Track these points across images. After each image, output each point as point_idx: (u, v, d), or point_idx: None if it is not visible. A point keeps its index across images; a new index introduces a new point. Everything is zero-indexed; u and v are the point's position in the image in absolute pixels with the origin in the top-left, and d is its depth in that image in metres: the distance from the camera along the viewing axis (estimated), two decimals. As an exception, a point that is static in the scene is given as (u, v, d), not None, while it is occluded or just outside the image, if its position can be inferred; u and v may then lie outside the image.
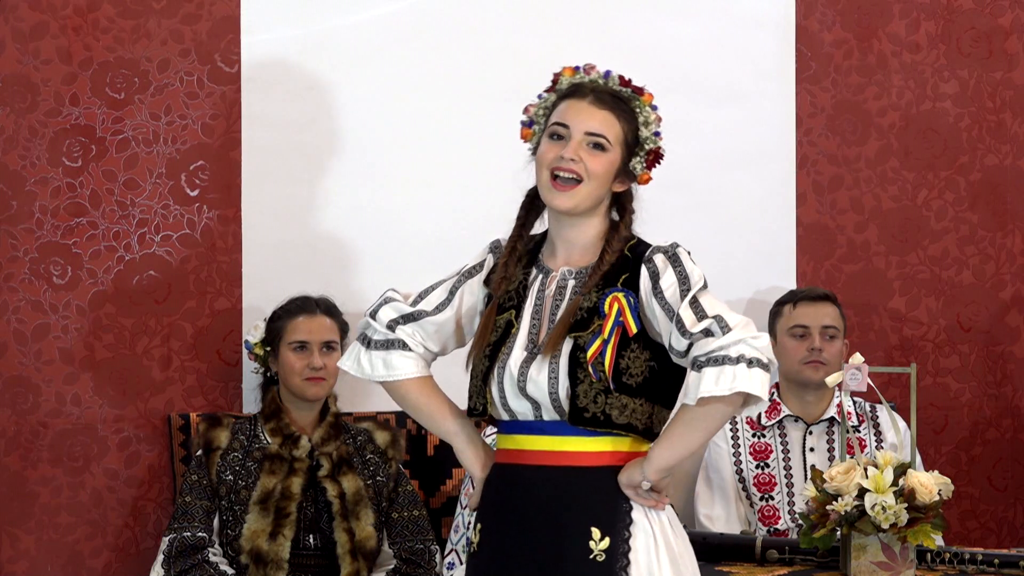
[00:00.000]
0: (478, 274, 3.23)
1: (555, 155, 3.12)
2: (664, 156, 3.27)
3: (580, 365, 3.05)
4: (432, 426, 3.26)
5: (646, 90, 3.23)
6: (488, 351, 3.12)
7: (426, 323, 3.19)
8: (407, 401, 3.23)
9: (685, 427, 3.06)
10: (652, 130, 3.22)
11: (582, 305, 3.09)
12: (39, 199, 4.55)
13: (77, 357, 4.58)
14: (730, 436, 4.69)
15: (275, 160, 4.72)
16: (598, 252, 3.16)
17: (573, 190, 3.12)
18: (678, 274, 3.12)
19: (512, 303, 3.15)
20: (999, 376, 5.15)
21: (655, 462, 3.06)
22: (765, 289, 4.97)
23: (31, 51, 4.55)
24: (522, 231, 3.23)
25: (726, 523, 4.63)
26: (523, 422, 3.11)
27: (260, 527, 4.22)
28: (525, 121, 3.24)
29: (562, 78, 3.22)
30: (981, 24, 5.12)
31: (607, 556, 3.06)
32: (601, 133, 3.14)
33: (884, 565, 3.71)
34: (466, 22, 4.82)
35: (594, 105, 3.15)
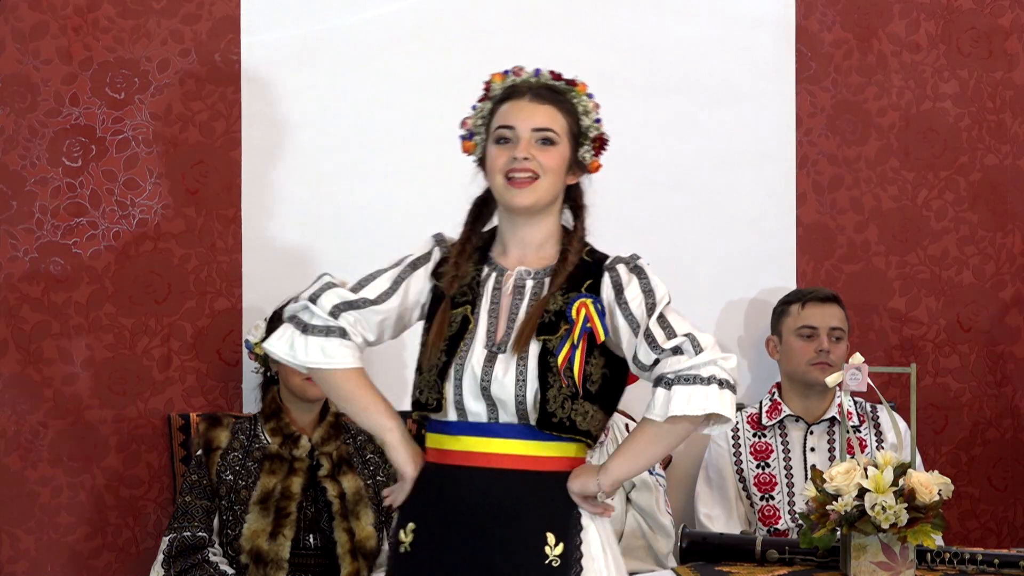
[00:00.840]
0: (424, 266, 3.20)
1: (507, 158, 3.12)
2: (609, 141, 3.29)
3: (550, 369, 3.05)
4: (364, 419, 3.20)
5: (579, 81, 3.23)
6: (445, 346, 3.09)
7: (369, 312, 3.15)
8: (341, 391, 3.18)
9: (648, 442, 3.08)
10: (593, 118, 3.24)
11: (549, 307, 3.08)
12: (39, 199, 4.55)
13: (77, 357, 4.58)
14: (731, 436, 4.69)
15: (275, 160, 4.72)
16: (552, 252, 3.17)
17: (532, 185, 3.12)
18: (643, 287, 3.13)
19: (466, 299, 3.13)
20: (999, 376, 5.15)
21: (613, 474, 3.09)
22: (768, 289, 4.97)
23: (31, 51, 4.55)
24: (471, 235, 3.22)
25: (726, 523, 4.63)
26: (475, 424, 3.09)
27: (260, 527, 4.22)
28: (464, 134, 3.23)
29: (493, 84, 3.22)
30: (981, 24, 5.12)
31: (562, 561, 3.07)
32: (548, 127, 3.15)
33: (884, 565, 3.71)
34: (466, 22, 4.82)
35: (535, 102, 3.16)
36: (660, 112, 4.94)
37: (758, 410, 4.72)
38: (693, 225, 4.97)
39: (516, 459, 3.08)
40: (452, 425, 3.11)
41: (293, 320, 3.16)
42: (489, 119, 3.19)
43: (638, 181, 4.92)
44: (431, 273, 3.19)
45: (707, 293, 4.96)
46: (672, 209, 4.96)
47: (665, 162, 4.95)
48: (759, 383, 4.97)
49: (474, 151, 3.22)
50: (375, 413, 3.17)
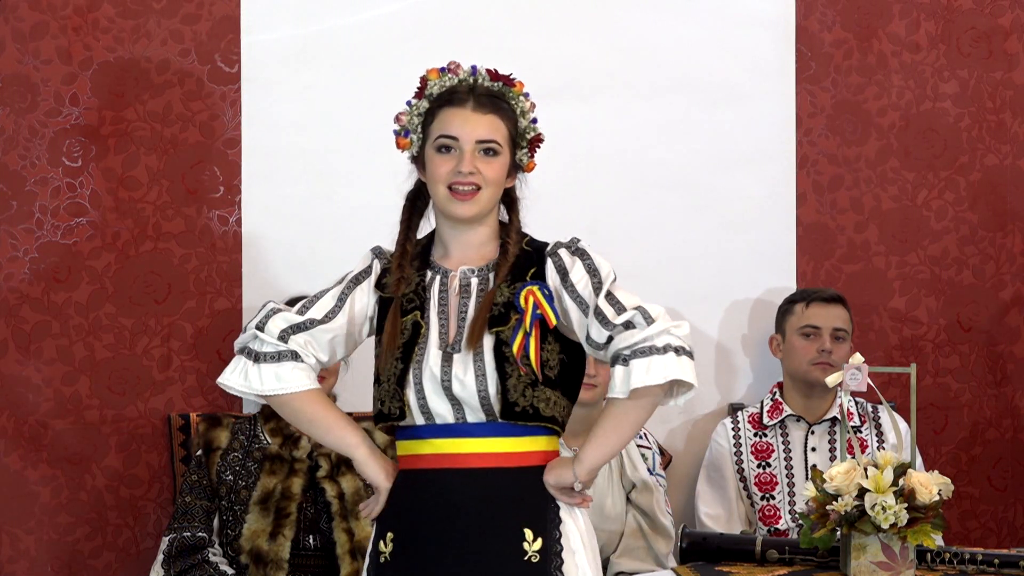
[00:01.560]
0: (366, 280, 3.18)
1: (449, 169, 3.10)
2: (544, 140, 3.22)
3: (507, 359, 3.05)
4: (329, 438, 3.18)
5: (516, 79, 3.20)
6: (399, 354, 3.08)
7: (318, 331, 3.13)
8: (301, 414, 3.15)
9: (616, 423, 3.08)
10: (529, 118, 3.19)
11: (496, 300, 3.08)
12: (39, 199, 4.56)
13: (77, 357, 4.58)
14: (732, 435, 4.69)
15: (275, 160, 4.72)
16: (493, 249, 3.17)
17: (474, 197, 3.11)
18: (587, 267, 3.13)
19: (414, 305, 3.12)
20: (999, 376, 5.15)
21: (587, 463, 3.09)
22: (770, 288, 4.97)
23: (31, 51, 4.55)
24: (408, 234, 3.20)
25: (727, 522, 4.63)
26: (442, 426, 3.08)
27: (260, 527, 4.22)
28: (399, 131, 3.21)
29: (429, 82, 3.19)
30: (981, 24, 5.12)
31: (541, 557, 3.07)
32: (491, 139, 3.12)
33: (884, 565, 3.70)
34: (466, 22, 4.82)
35: (477, 111, 3.13)
36: (660, 112, 4.94)
37: (759, 410, 4.72)
38: (693, 225, 4.97)
39: (487, 457, 3.07)
40: (420, 429, 3.09)
41: (244, 351, 3.13)
42: (426, 119, 3.17)
43: (638, 181, 4.92)
44: (375, 285, 3.17)
45: (707, 293, 4.96)
46: (672, 209, 4.96)
47: (665, 162, 4.95)
48: (760, 383, 4.97)
49: (409, 148, 3.20)
50: (339, 431, 3.16)
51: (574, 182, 4.89)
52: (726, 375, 4.99)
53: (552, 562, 3.07)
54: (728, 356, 4.99)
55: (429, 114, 3.17)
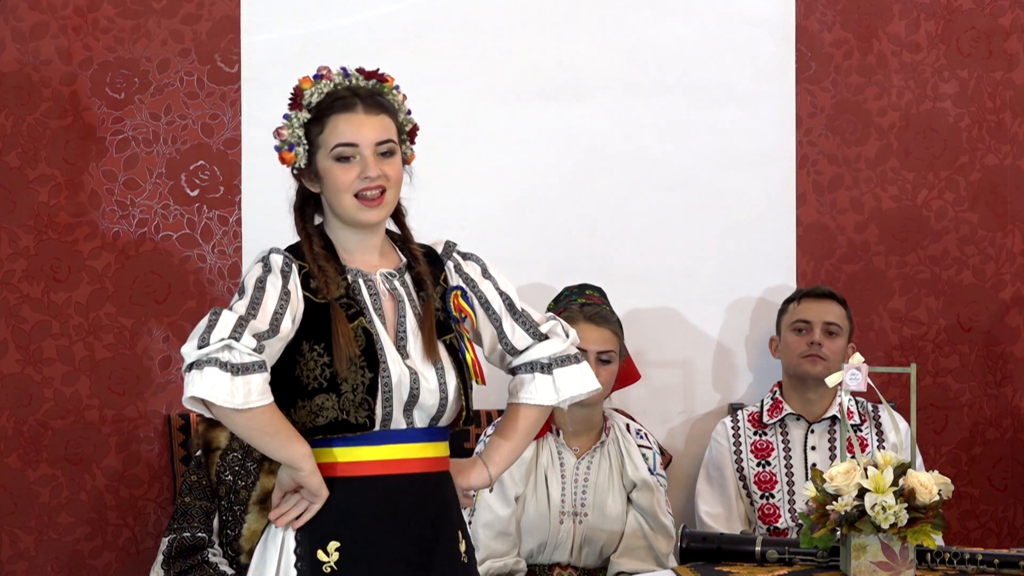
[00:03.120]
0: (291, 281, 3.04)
1: (353, 177, 3.05)
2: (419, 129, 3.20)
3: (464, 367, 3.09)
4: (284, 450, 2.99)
5: (386, 74, 3.16)
6: (363, 363, 3.00)
7: (275, 341, 2.97)
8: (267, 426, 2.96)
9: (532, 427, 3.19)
10: (406, 110, 3.17)
11: (437, 307, 3.10)
12: (39, 199, 4.55)
13: (77, 357, 4.58)
14: (731, 434, 4.69)
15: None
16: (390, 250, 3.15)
17: (381, 202, 3.07)
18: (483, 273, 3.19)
19: (354, 310, 3.04)
20: (999, 376, 5.15)
21: (500, 467, 3.19)
22: (771, 288, 4.97)
23: (31, 51, 4.55)
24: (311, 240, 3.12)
25: (727, 521, 4.63)
26: (395, 431, 3.04)
27: (260, 527, 4.22)
28: (280, 145, 3.13)
29: (304, 92, 3.11)
30: (981, 24, 5.12)
31: (468, 557, 3.13)
32: (388, 138, 3.09)
33: (884, 565, 3.70)
34: (466, 22, 4.82)
35: (369, 113, 3.08)
36: (660, 112, 4.94)
37: (759, 409, 4.72)
38: (693, 225, 4.97)
39: (427, 462, 3.07)
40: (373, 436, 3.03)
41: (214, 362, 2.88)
42: (311, 129, 3.10)
43: (638, 181, 4.92)
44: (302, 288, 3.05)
45: (707, 293, 4.96)
46: (672, 209, 4.96)
47: (665, 162, 4.95)
48: (760, 383, 4.97)
49: (295, 162, 3.12)
50: (294, 442, 2.99)
51: (574, 182, 4.89)
52: (726, 375, 4.99)
53: (472, 561, 3.15)
54: (728, 356, 4.99)
55: (315, 123, 3.09)
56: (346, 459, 3.03)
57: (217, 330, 2.89)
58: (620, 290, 4.72)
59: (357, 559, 3.01)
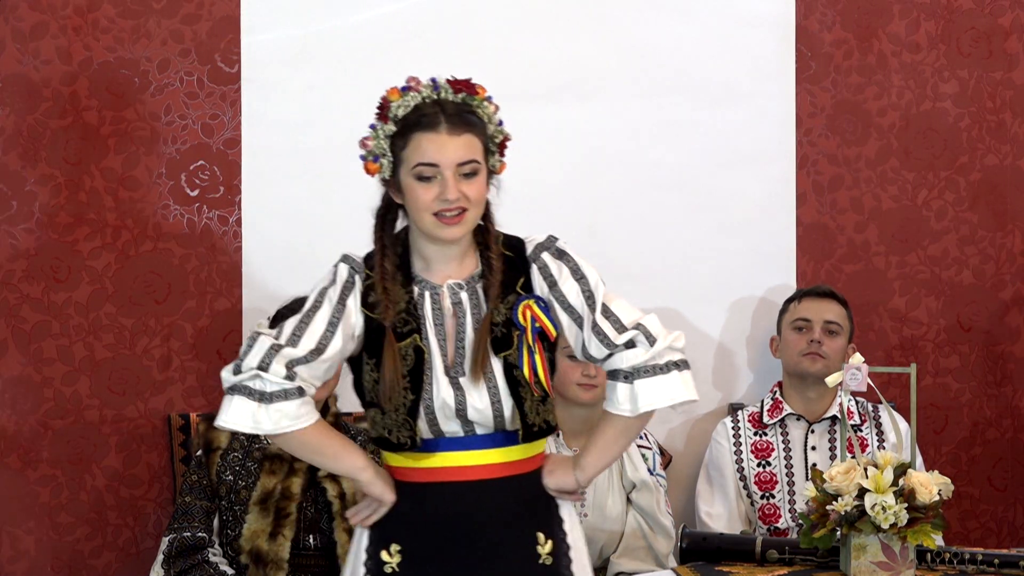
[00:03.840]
0: (350, 297, 3.09)
1: (433, 197, 3.03)
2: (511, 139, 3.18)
3: (520, 384, 3.05)
4: (336, 464, 3.14)
5: (476, 85, 3.15)
6: (407, 384, 3.03)
7: (317, 363, 3.04)
8: (310, 446, 3.09)
9: (619, 435, 3.14)
10: (496, 122, 3.14)
11: (495, 320, 3.05)
12: (39, 199, 4.56)
13: (77, 357, 4.58)
14: (732, 434, 4.69)
15: (275, 160, 4.72)
16: (473, 257, 3.12)
17: (462, 219, 3.05)
18: (574, 274, 3.12)
19: (410, 327, 3.05)
20: (999, 376, 5.15)
21: (589, 470, 3.14)
22: (771, 288, 4.97)
23: (31, 51, 4.55)
24: (385, 251, 3.12)
25: (727, 521, 4.63)
26: (451, 439, 3.06)
27: (260, 527, 4.22)
28: (366, 156, 3.12)
29: (391, 103, 3.10)
30: (981, 24, 5.12)
31: (553, 559, 3.10)
32: (471, 159, 3.06)
33: (884, 565, 3.70)
34: (466, 22, 4.82)
35: (453, 133, 3.05)
36: (660, 112, 4.94)
37: (759, 409, 4.72)
38: (693, 225, 4.97)
39: (496, 467, 3.07)
40: (427, 443, 3.07)
41: (244, 391, 3.03)
42: (395, 142, 3.08)
43: (638, 181, 4.92)
44: (361, 303, 3.08)
45: (707, 293, 4.96)
46: (672, 209, 4.96)
47: (665, 162, 4.95)
48: (760, 383, 4.97)
49: (379, 172, 3.11)
50: (346, 456, 3.11)
51: (574, 182, 4.89)
52: (726, 375, 4.99)
53: (563, 561, 3.10)
54: (728, 356, 4.99)
55: (399, 137, 3.08)
56: (406, 465, 3.09)
57: (249, 358, 3.02)
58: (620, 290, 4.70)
59: (417, 562, 3.07)
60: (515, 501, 3.08)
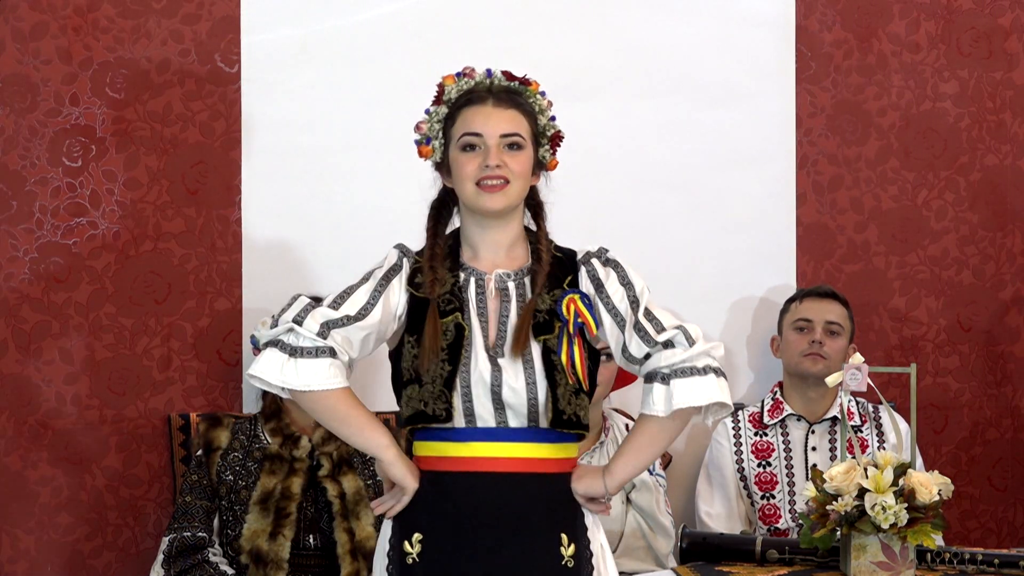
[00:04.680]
0: (397, 276, 3.15)
1: (476, 166, 3.10)
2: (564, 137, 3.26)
3: (556, 368, 3.06)
4: (358, 438, 3.13)
5: (531, 79, 3.22)
6: (445, 356, 3.06)
7: (354, 328, 3.09)
8: (334, 412, 3.10)
9: (651, 439, 3.12)
10: (548, 116, 3.22)
11: (539, 307, 3.09)
12: (39, 199, 4.56)
13: (77, 357, 4.58)
14: (732, 434, 4.69)
15: (275, 160, 4.72)
16: (522, 252, 3.18)
17: (504, 190, 3.11)
18: (621, 280, 3.16)
19: (453, 306, 3.10)
20: (999, 376, 5.15)
21: (618, 475, 3.13)
22: (772, 288, 4.98)
23: (31, 51, 4.55)
24: (436, 239, 3.19)
25: (727, 521, 4.63)
26: (484, 429, 3.08)
27: (260, 527, 4.22)
28: (420, 139, 3.20)
29: (446, 88, 3.19)
30: (981, 24, 5.12)
31: (575, 562, 3.10)
32: (515, 132, 3.14)
33: (884, 565, 3.70)
34: (466, 22, 4.82)
35: (499, 107, 3.14)
36: (660, 112, 4.94)
37: (760, 409, 4.72)
38: (693, 225, 4.97)
39: (525, 462, 3.08)
40: (459, 432, 3.09)
41: (278, 344, 3.07)
42: (447, 124, 3.17)
43: (638, 181, 4.92)
44: (407, 283, 3.15)
45: (707, 293, 4.96)
46: (672, 209, 4.96)
47: (665, 162, 4.95)
48: (761, 383, 4.97)
49: (431, 155, 3.20)
50: (370, 431, 3.12)
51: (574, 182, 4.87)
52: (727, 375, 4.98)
53: (585, 567, 3.11)
54: (728, 356, 4.99)
55: (449, 119, 3.16)
56: (434, 454, 3.11)
57: (286, 314, 3.08)
58: (620, 290, 4.71)
59: (437, 553, 3.07)
60: (541, 499, 3.09)
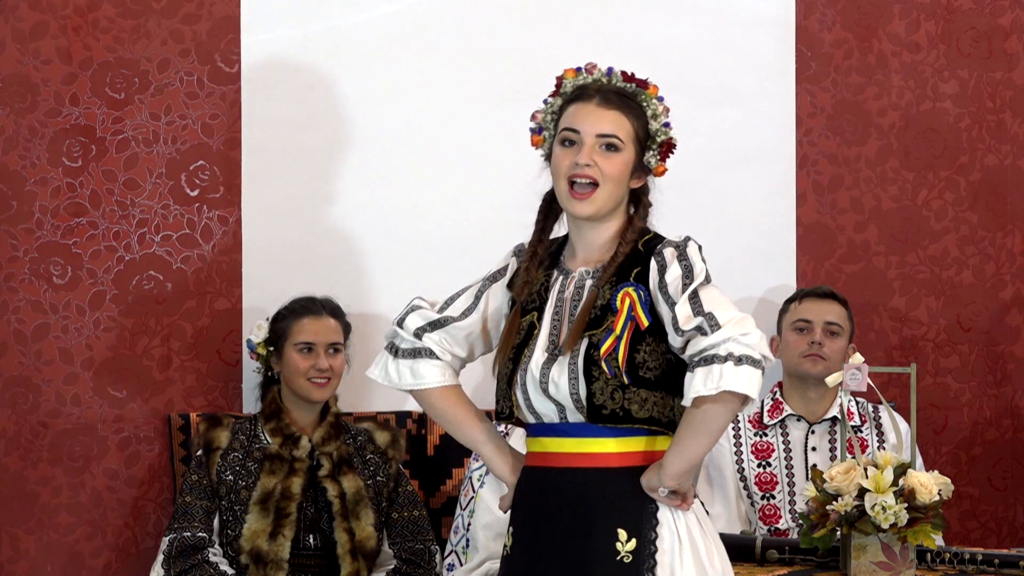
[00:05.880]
0: (502, 278, 3.23)
1: (570, 162, 3.12)
2: (676, 146, 3.24)
3: (595, 362, 3.06)
4: (459, 435, 3.25)
5: (650, 83, 3.22)
6: (512, 354, 3.13)
7: (453, 329, 3.19)
8: (434, 410, 3.24)
9: (689, 431, 3.06)
10: (661, 122, 3.20)
11: (596, 303, 3.10)
12: (39, 199, 4.55)
13: (77, 357, 4.58)
14: (732, 435, 4.69)
15: (275, 160, 4.72)
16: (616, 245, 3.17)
17: (591, 196, 3.12)
18: (683, 267, 3.12)
19: (534, 305, 3.15)
20: (999, 376, 5.15)
21: (668, 469, 3.08)
22: (772, 288, 4.98)
23: (31, 51, 4.55)
24: (542, 235, 3.23)
25: (727, 522, 4.63)
26: (548, 424, 3.12)
27: (260, 527, 4.22)
28: (534, 128, 3.24)
29: (565, 81, 3.21)
30: (981, 24, 5.12)
31: (634, 557, 3.07)
32: (612, 133, 3.13)
33: (884, 565, 3.71)
34: (466, 22, 4.82)
35: (602, 106, 3.14)
36: (661, 112, 4.93)
37: (759, 409, 4.72)
38: (693, 225, 4.93)
39: (584, 456, 3.09)
40: (532, 427, 3.15)
41: (387, 345, 3.23)
42: (558, 116, 3.19)
43: (638, 181, 4.92)
44: (507, 284, 3.22)
45: (707, 293, 4.95)
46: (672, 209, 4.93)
47: (665, 162, 4.94)
48: (760, 383, 4.96)
49: (542, 145, 3.22)
50: (467, 429, 3.23)
51: (574, 182, 4.89)
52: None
53: (645, 563, 3.07)
54: (728, 356, 4.99)
55: (560, 111, 3.19)
56: (528, 449, 3.18)
57: (398, 315, 3.22)
58: (620, 290, 4.71)
59: (523, 546, 3.14)
60: (597, 493, 3.08)
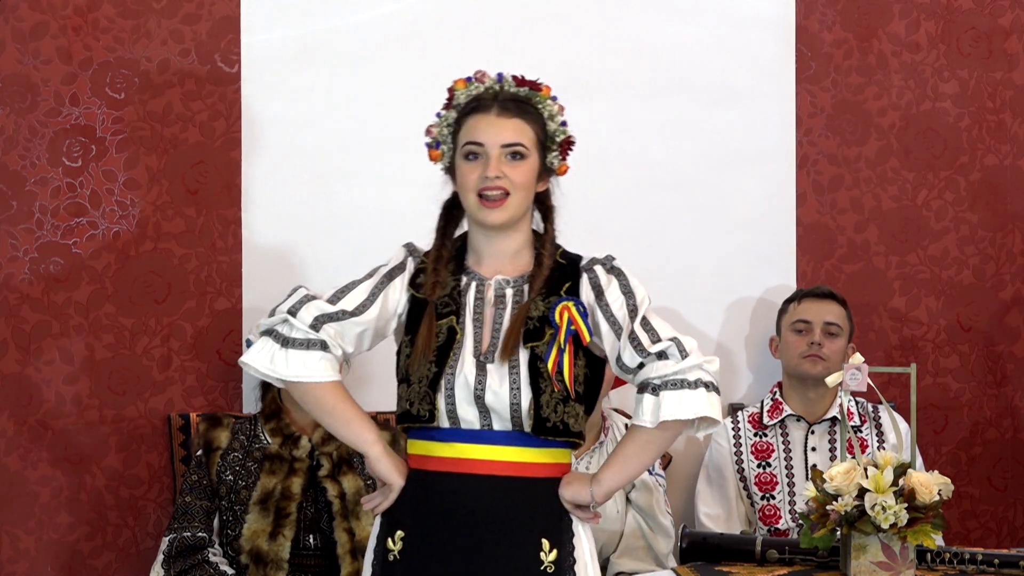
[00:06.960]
0: (400, 276, 3.19)
1: (477, 176, 3.11)
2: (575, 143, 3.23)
3: (541, 375, 3.06)
4: (346, 432, 3.17)
5: (542, 84, 3.21)
6: (433, 357, 3.09)
7: (348, 324, 3.14)
8: (321, 404, 3.14)
9: (639, 449, 3.12)
10: (559, 121, 3.20)
11: (531, 314, 3.09)
12: (39, 199, 4.56)
13: (77, 357, 4.58)
14: (732, 435, 4.69)
15: (275, 160, 4.72)
16: (528, 259, 3.17)
17: (503, 204, 3.12)
18: (623, 288, 3.15)
19: (450, 309, 3.12)
20: (999, 376, 5.15)
21: (605, 484, 3.13)
22: (771, 288, 4.98)
23: (31, 51, 4.55)
24: (444, 240, 3.21)
25: (727, 522, 4.63)
26: (467, 431, 3.09)
27: (260, 527, 4.22)
28: (430, 143, 3.22)
29: (456, 93, 3.20)
30: (981, 24, 5.12)
31: (556, 567, 3.10)
32: (517, 142, 3.13)
33: (884, 565, 3.71)
34: (466, 22, 4.82)
35: (502, 116, 3.14)
36: (660, 112, 4.94)
37: (759, 409, 4.72)
38: (693, 225, 4.97)
39: (509, 465, 3.09)
40: (444, 432, 3.10)
41: (271, 334, 3.13)
42: (455, 128, 3.18)
43: (638, 181, 4.92)
44: (408, 283, 3.18)
45: (707, 293, 4.96)
46: (672, 209, 4.96)
47: (665, 162, 4.95)
48: (760, 383, 4.97)
49: (441, 159, 3.21)
50: (357, 426, 3.16)
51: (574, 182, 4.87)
52: (726, 375, 4.99)
53: (566, 574, 3.11)
54: (728, 356, 4.99)
55: (457, 124, 3.18)
56: (422, 452, 3.13)
57: (283, 304, 3.13)
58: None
59: (416, 551, 3.10)
60: (523, 503, 3.09)
